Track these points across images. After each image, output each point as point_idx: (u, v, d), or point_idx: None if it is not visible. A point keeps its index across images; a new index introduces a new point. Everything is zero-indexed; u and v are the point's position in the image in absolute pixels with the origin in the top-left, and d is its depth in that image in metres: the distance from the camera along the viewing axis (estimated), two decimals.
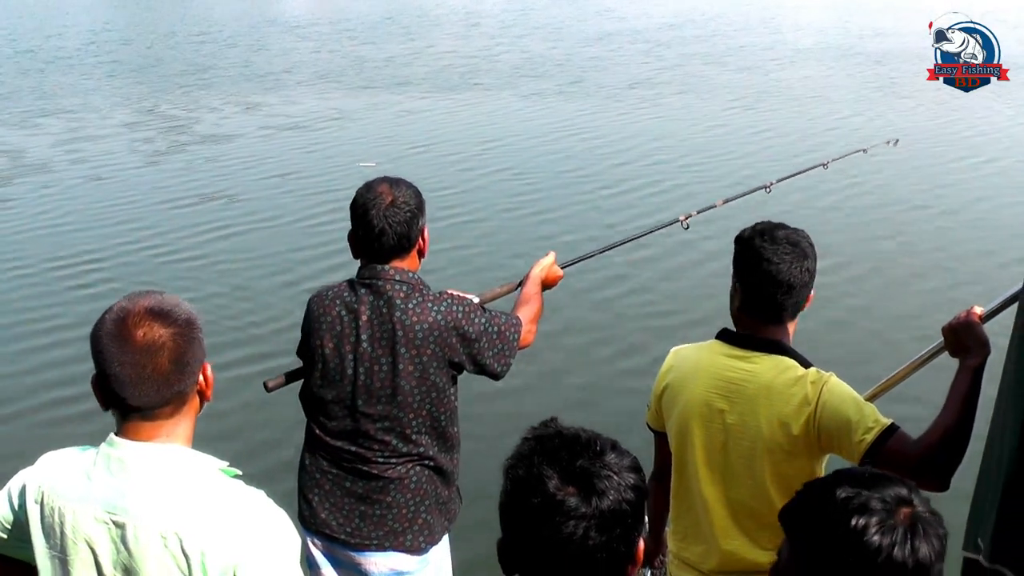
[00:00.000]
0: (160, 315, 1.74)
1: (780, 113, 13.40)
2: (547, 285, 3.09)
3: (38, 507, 1.77)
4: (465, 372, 2.73)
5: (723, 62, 17.65)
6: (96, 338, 1.74)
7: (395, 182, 2.71)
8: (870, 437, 2.23)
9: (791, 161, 9.89)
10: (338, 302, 2.69)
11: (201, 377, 1.80)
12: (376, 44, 20.34)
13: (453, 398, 2.74)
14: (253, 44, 20.48)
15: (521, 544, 1.45)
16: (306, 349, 2.78)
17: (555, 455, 1.43)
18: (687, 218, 3.68)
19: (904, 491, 1.52)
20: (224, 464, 1.79)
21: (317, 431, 2.76)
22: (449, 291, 2.88)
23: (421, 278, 2.71)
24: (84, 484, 1.74)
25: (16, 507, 1.84)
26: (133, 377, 1.71)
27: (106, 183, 10.19)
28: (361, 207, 2.66)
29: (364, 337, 2.64)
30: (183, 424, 1.78)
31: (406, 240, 2.66)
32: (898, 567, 1.45)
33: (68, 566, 1.74)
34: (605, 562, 1.42)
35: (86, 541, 1.72)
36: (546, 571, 1.43)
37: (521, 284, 3.07)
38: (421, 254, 2.76)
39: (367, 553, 2.71)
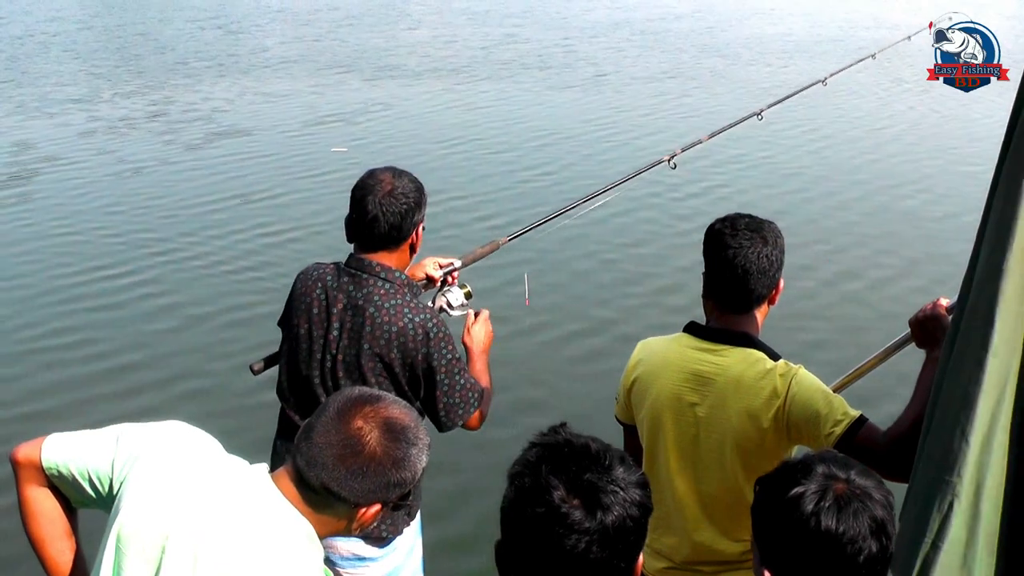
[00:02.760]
0: (393, 431, 1.72)
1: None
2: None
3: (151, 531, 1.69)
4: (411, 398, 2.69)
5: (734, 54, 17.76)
6: (327, 410, 1.76)
7: (399, 173, 2.69)
8: (839, 430, 2.24)
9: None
10: (320, 285, 2.70)
11: (360, 511, 1.75)
12: (377, 32, 20.27)
13: (415, 400, 2.72)
14: (257, 31, 20.24)
15: (520, 551, 1.43)
16: (285, 324, 2.81)
17: (563, 466, 1.42)
18: (672, 157, 3.48)
19: (842, 469, 1.59)
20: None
21: (288, 413, 2.79)
22: (420, 265, 2.93)
23: (409, 280, 2.70)
24: (207, 512, 1.68)
25: (117, 480, 1.77)
26: (332, 456, 1.70)
27: (130, 179, 9.83)
28: (359, 191, 2.65)
29: (336, 325, 2.65)
30: (326, 516, 1.74)
31: (397, 231, 2.64)
32: (831, 536, 1.52)
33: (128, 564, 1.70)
34: None
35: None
36: None
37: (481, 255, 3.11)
38: (413, 250, 2.74)
39: (329, 536, 2.72)
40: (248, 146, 11.04)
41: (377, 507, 1.74)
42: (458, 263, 2.97)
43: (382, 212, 2.61)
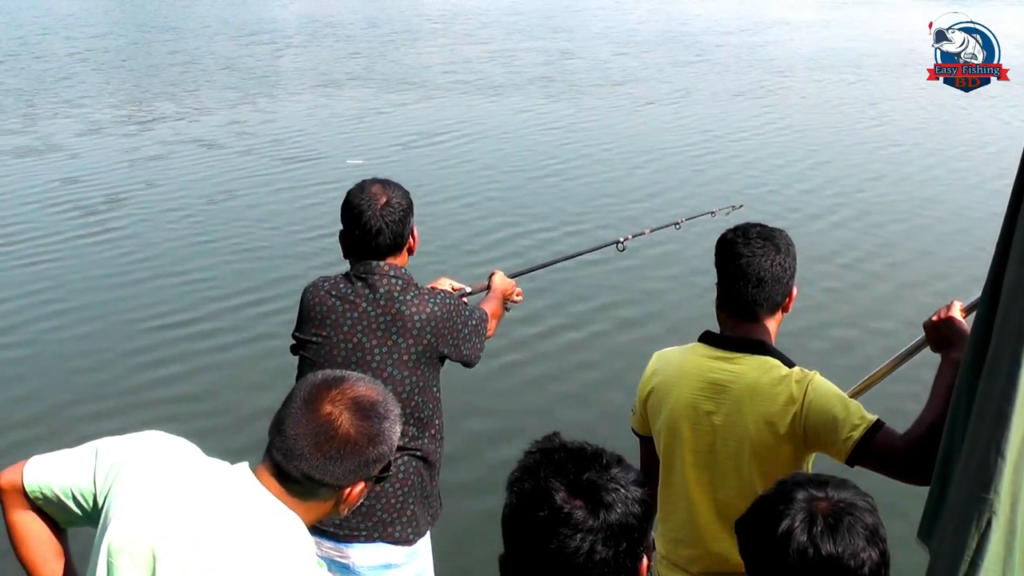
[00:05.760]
0: (363, 410, 1.73)
1: None
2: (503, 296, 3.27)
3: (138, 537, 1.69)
4: (447, 361, 2.87)
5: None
6: (294, 397, 1.75)
7: (386, 183, 2.83)
8: (857, 434, 2.23)
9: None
10: (333, 293, 2.79)
11: (346, 492, 1.76)
12: (435, 47, 20.26)
13: (436, 390, 2.83)
14: (305, 48, 20.12)
15: (525, 558, 1.43)
16: (300, 340, 2.85)
17: (562, 468, 1.42)
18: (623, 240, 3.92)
19: (819, 488, 1.57)
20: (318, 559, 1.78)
21: None
22: (437, 284, 3.05)
23: (411, 274, 2.82)
24: (192, 513, 1.69)
25: (100, 494, 1.77)
26: (307, 446, 1.71)
27: (219, 209, 9.34)
28: (356, 208, 2.76)
29: (359, 328, 2.74)
30: (312, 503, 1.76)
31: (400, 238, 2.78)
32: (833, 560, 1.50)
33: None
34: None
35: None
36: None
37: (488, 287, 3.26)
38: (411, 251, 2.88)
39: (355, 545, 2.75)
40: (326, 171, 10.59)
41: (361, 485, 1.77)
42: (468, 289, 3.14)
43: (384, 224, 2.74)
